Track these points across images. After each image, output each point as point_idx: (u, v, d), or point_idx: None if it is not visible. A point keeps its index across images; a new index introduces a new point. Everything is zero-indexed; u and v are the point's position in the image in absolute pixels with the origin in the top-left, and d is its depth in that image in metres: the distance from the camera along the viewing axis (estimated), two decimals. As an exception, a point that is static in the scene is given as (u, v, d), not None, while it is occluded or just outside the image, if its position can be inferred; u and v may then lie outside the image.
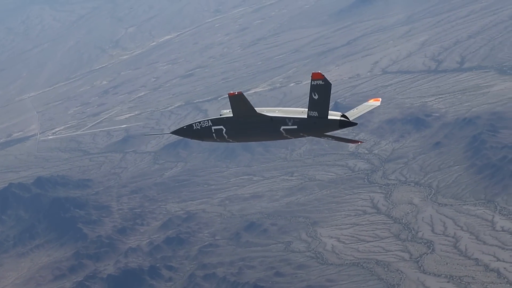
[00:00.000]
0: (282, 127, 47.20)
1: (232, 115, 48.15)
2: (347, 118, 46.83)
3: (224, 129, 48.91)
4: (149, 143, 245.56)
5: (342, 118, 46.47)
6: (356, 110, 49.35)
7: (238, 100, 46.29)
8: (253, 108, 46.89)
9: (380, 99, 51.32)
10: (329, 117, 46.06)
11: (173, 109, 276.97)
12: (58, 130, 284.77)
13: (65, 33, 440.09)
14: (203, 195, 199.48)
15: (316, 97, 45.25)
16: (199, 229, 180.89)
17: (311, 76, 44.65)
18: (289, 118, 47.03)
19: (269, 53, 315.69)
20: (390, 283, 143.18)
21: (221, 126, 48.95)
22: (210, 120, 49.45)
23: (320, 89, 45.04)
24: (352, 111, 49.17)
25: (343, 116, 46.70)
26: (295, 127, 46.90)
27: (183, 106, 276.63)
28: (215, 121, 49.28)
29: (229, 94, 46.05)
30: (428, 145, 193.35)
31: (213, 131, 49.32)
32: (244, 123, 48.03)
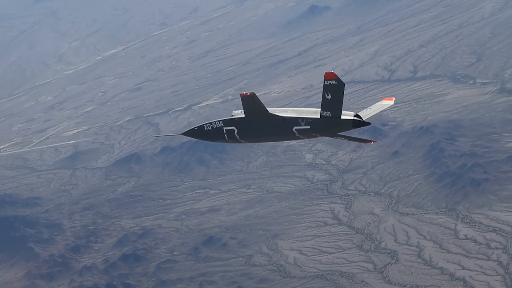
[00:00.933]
0: (295, 127, 47.52)
1: (244, 116, 48.42)
2: (360, 118, 47.11)
3: (236, 130, 49.29)
4: (99, 158, 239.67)
5: (356, 118, 46.73)
6: (369, 109, 49.57)
7: (250, 101, 46.53)
8: (266, 109, 47.21)
9: (394, 98, 51.40)
10: (343, 117, 46.34)
11: (122, 123, 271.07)
12: (3, 148, 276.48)
13: (5, 48, 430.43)
14: (158, 210, 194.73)
15: (329, 97, 45.41)
16: (156, 245, 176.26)
17: (324, 76, 44.77)
18: (302, 118, 47.33)
19: (219, 65, 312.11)
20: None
21: (233, 127, 49.34)
22: (221, 121, 49.80)
23: (333, 89, 45.19)
24: (365, 110, 49.48)
25: (356, 115, 46.91)
26: (308, 127, 47.22)
27: (133, 120, 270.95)
28: (227, 122, 49.62)
29: (241, 95, 46.32)
30: (386, 155, 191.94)
31: (225, 131, 49.63)
32: (256, 124, 48.31)
